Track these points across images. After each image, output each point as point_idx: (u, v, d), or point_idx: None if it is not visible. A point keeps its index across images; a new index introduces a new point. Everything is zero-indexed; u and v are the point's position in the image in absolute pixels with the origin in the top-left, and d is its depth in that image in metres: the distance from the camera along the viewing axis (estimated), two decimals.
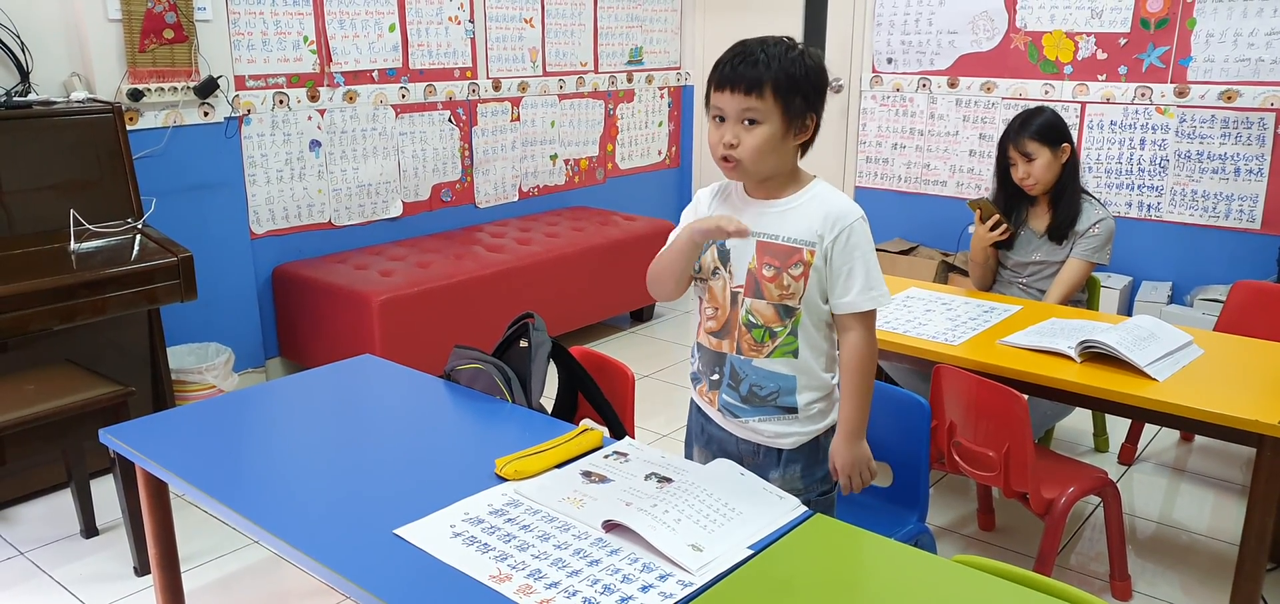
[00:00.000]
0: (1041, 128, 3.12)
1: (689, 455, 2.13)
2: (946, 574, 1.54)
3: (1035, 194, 3.20)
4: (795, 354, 1.90)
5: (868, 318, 1.89)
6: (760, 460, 1.97)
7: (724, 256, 1.91)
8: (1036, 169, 3.13)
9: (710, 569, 1.49)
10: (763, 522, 1.63)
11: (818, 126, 1.86)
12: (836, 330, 1.92)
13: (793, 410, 1.93)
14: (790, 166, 1.89)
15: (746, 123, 1.80)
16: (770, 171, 1.86)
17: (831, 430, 1.98)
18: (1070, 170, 3.16)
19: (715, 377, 1.97)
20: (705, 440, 2.06)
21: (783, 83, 1.77)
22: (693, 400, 2.10)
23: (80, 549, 2.95)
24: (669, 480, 1.75)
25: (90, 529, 3.01)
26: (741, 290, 1.90)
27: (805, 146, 1.88)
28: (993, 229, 3.22)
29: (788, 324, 1.88)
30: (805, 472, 1.98)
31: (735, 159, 1.82)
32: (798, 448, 1.96)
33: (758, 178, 1.87)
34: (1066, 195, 3.16)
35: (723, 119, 1.83)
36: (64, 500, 3.15)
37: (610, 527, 1.60)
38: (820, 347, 1.92)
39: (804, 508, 1.69)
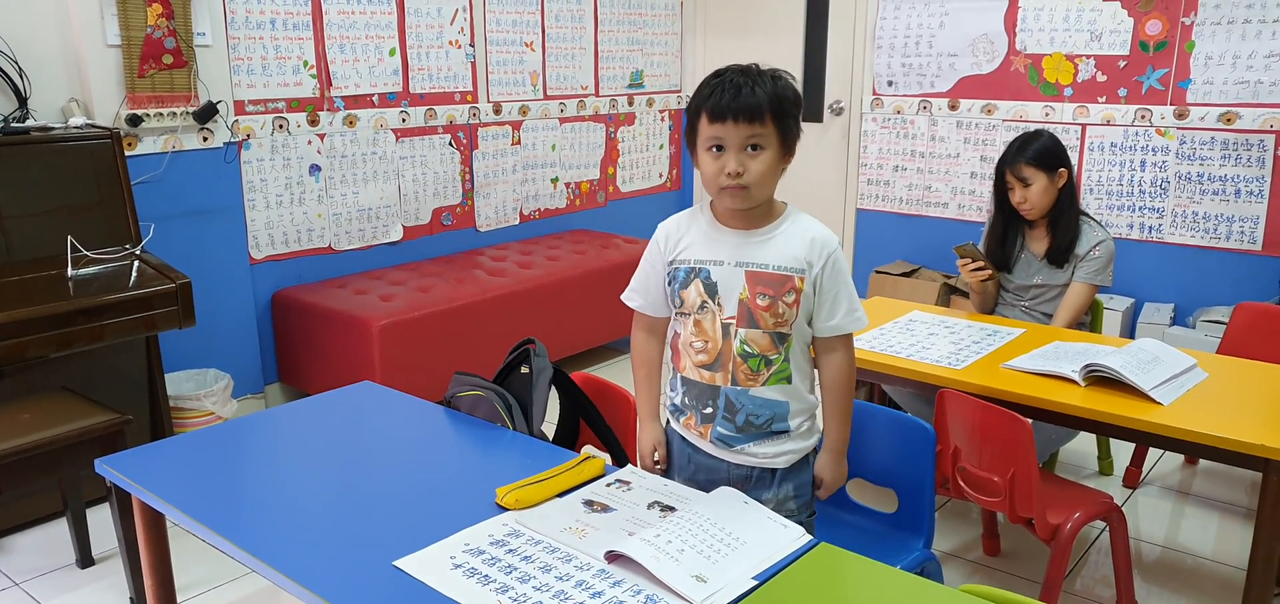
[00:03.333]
0: (1038, 153, 3.11)
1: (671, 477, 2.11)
2: None
3: (1032, 219, 3.19)
4: (789, 380, 1.93)
5: (850, 339, 1.97)
6: (752, 486, 1.97)
7: (711, 290, 1.92)
8: (1033, 194, 3.12)
9: (714, 601, 1.47)
10: (767, 551, 1.60)
11: (798, 140, 1.90)
12: (817, 352, 1.98)
13: (785, 432, 1.96)
14: (771, 195, 1.93)
15: (750, 150, 1.82)
16: (770, 195, 1.90)
17: (817, 448, 2.03)
18: (1068, 194, 3.15)
19: (708, 410, 1.97)
20: (692, 470, 2.04)
21: (778, 107, 1.82)
22: (675, 432, 2.08)
23: (76, 580, 2.93)
24: (672, 509, 1.73)
25: (86, 559, 2.98)
26: (733, 321, 1.90)
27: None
28: (976, 271, 3.22)
29: (781, 350, 1.91)
30: (798, 492, 2.01)
31: (744, 186, 1.83)
32: (790, 466, 1.98)
33: (761, 202, 1.89)
34: (1064, 219, 3.15)
35: (721, 148, 1.84)
36: (60, 530, 3.12)
37: (613, 558, 1.58)
38: (805, 369, 1.97)
39: (809, 537, 1.66)
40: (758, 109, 1.80)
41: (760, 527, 1.67)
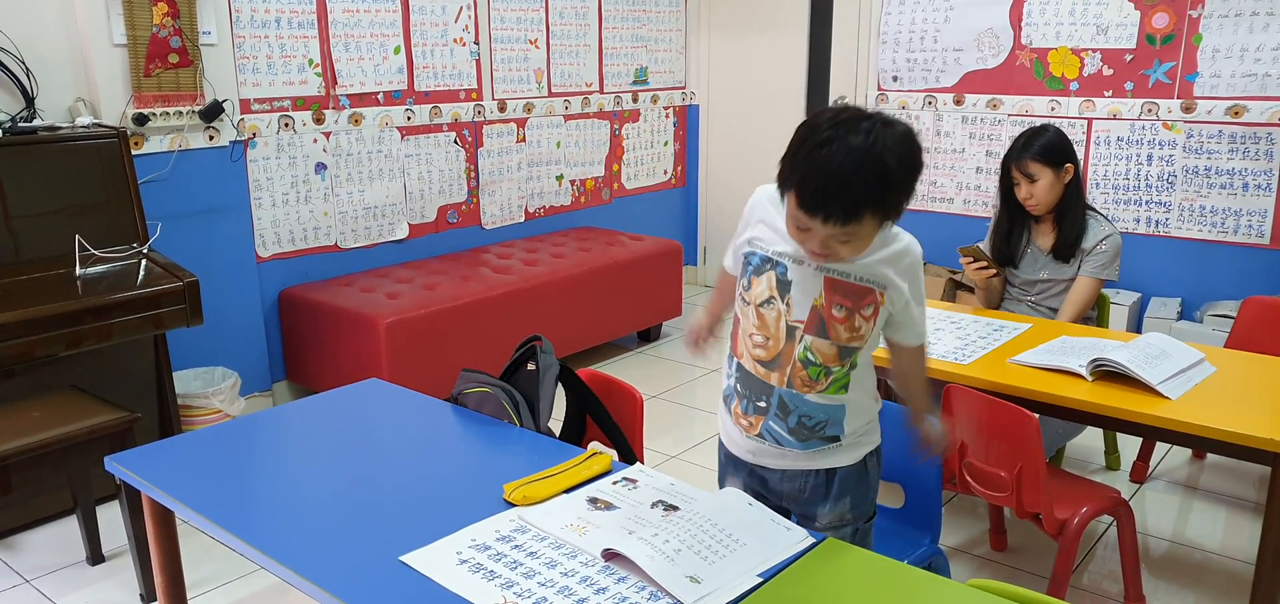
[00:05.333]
0: (1043, 148, 3.10)
1: (724, 485, 2.03)
2: (961, 599, 1.52)
3: (1038, 214, 3.18)
4: (847, 388, 1.83)
5: (922, 349, 1.95)
6: (807, 497, 1.90)
7: (784, 288, 1.79)
8: (1039, 190, 3.11)
9: (709, 601, 1.46)
10: (766, 553, 1.60)
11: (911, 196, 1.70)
12: (894, 352, 1.93)
13: (837, 439, 1.87)
14: None
15: (839, 239, 1.65)
16: None
17: (872, 454, 1.94)
18: (1073, 190, 3.14)
19: (761, 404, 1.87)
20: (746, 472, 1.96)
21: (879, 203, 1.61)
22: (725, 428, 1.99)
23: (86, 576, 2.94)
24: (675, 509, 1.73)
25: (96, 556, 3.00)
26: (801, 325, 1.79)
27: None
28: (981, 269, 3.22)
29: (846, 363, 1.81)
30: (855, 505, 1.91)
31: (829, 256, 1.71)
32: (846, 478, 1.89)
33: None
34: (1070, 214, 3.14)
35: (807, 228, 1.65)
36: (70, 527, 3.14)
37: (610, 556, 1.58)
38: (867, 378, 1.88)
39: (810, 539, 1.65)
40: (855, 212, 1.59)
41: (761, 528, 1.66)
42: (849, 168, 1.57)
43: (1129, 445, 3.60)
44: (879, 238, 1.73)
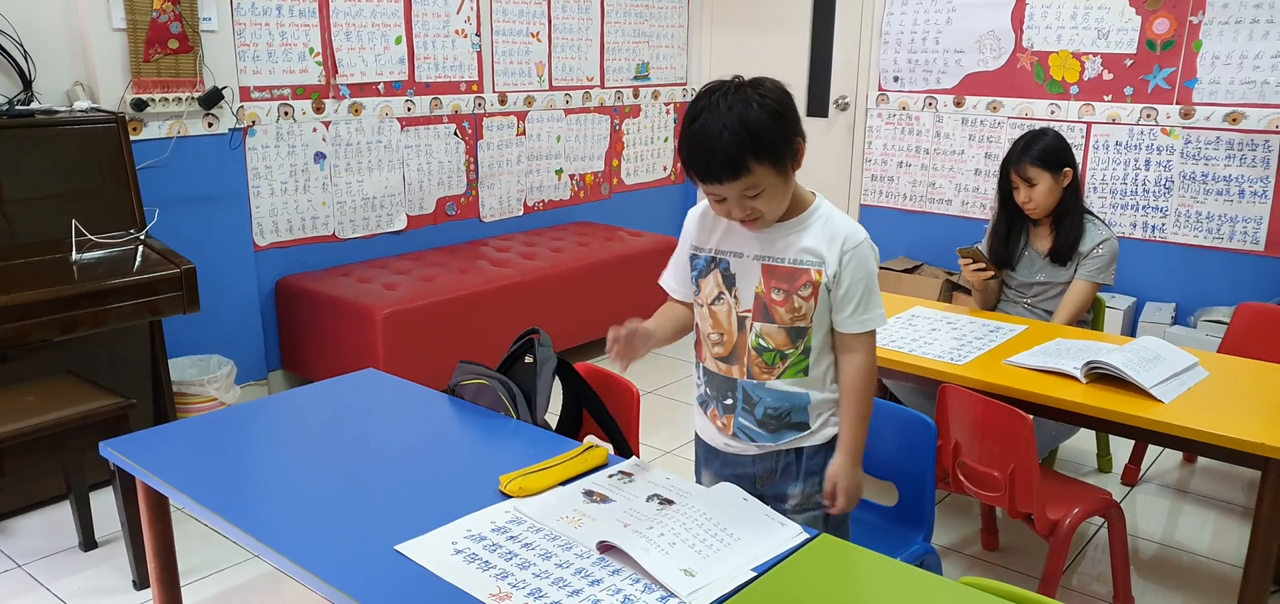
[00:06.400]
0: (1042, 152, 3.10)
1: (699, 479, 2.10)
2: (953, 596, 1.53)
3: (1037, 218, 3.19)
4: (806, 372, 1.89)
5: (870, 337, 1.90)
6: (778, 477, 1.95)
7: (729, 280, 1.90)
8: (1037, 194, 3.12)
9: (703, 594, 1.47)
10: (761, 547, 1.61)
11: (804, 139, 1.80)
12: (838, 350, 1.91)
13: (805, 425, 1.92)
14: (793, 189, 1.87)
15: (749, 196, 1.76)
16: (786, 205, 1.83)
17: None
18: (1072, 194, 3.15)
19: (728, 401, 1.95)
20: (719, 463, 2.03)
21: (760, 146, 1.71)
22: (702, 427, 2.05)
23: (79, 562, 2.94)
24: (670, 503, 1.74)
25: (89, 542, 3.00)
26: (749, 314, 1.88)
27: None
28: (979, 271, 3.23)
29: (799, 345, 1.87)
30: (823, 486, 1.94)
31: (756, 219, 1.80)
32: (813, 458, 1.93)
33: (779, 215, 1.84)
34: (1068, 218, 3.15)
35: (722, 198, 1.79)
36: (63, 513, 3.14)
37: (605, 548, 1.59)
38: (825, 363, 1.91)
39: (804, 534, 1.66)
40: (737, 164, 1.71)
41: (756, 523, 1.67)
42: (715, 128, 1.71)
43: (1121, 448, 3.61)
44: (813, 215, 1.85)
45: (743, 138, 1.70)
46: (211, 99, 3.71)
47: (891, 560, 1.63)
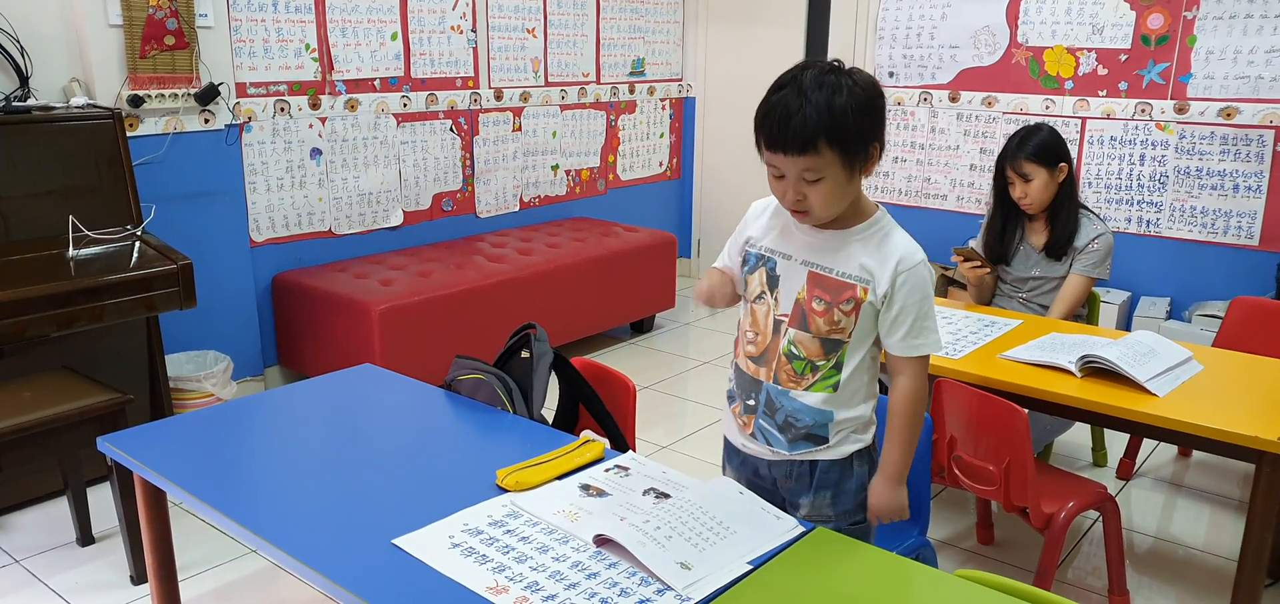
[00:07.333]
0: (1038, 148, 3.11)
1: (724, 472, 2.08)
2: (948, 588, 1.54)
3: (1032, 213, 3.20)
4: (835, 388, 1.83)
5: (922, 363, 1.83)
6: (792, 484, 1.92)
7: (773, 282, 1.86)
8: (1033, 189, 3.13)
9: (699, 588, 1.48)
10: (757, 540, 1.61)
11: (882, 149, 1.75)
12: (889, 371, 1.87)
13: (824, 440, 1.87)
14: (856, 197, 1.81)
15: (808, 179, 1.71)
16: (841, 211, 1.79)
17: (860, 454, 1.90)
18: (1067, 189, 3.16)
19: (751, 402, 1.92)
20: (738, 461, 2.01)
21: (835, 131, 1.66)
22: (726, 424, 2.03)
23: (76, 557, 2.94)
24: (667, 497, 1.75)
25: (86, 537, 3.00)
26: (786, 319, 1.84)
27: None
28: (975, 268, 3.24)
29: (831, 359, 1.82)
30: (835, 500, 1.90)
31: (807, 211, 1.76)
32: (827, 472, 1.89)
33: (832, 218, 1.79)
34: (1064, 213, 3.16)
35: (781, 175, 1.74)
36: (60, 508, 3.14)
37: (601, 541, 1.59)
38: (860, 381, 1.86)
39: (799, 528, 1.67)
40: (809, 140, 1.66)
41: (752, 516, 1.68)
42: (798, 101, 1.67)
43: (1116, 442, 3.62)
44: (871, 229, 1.80)
45: (822, 116, 1.66)
46: (208, 95, 3.71)
47: (887, 553, 1.64)
